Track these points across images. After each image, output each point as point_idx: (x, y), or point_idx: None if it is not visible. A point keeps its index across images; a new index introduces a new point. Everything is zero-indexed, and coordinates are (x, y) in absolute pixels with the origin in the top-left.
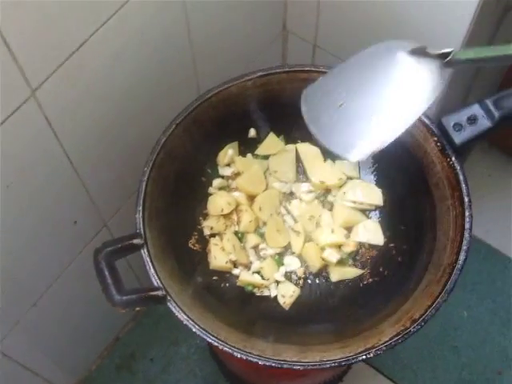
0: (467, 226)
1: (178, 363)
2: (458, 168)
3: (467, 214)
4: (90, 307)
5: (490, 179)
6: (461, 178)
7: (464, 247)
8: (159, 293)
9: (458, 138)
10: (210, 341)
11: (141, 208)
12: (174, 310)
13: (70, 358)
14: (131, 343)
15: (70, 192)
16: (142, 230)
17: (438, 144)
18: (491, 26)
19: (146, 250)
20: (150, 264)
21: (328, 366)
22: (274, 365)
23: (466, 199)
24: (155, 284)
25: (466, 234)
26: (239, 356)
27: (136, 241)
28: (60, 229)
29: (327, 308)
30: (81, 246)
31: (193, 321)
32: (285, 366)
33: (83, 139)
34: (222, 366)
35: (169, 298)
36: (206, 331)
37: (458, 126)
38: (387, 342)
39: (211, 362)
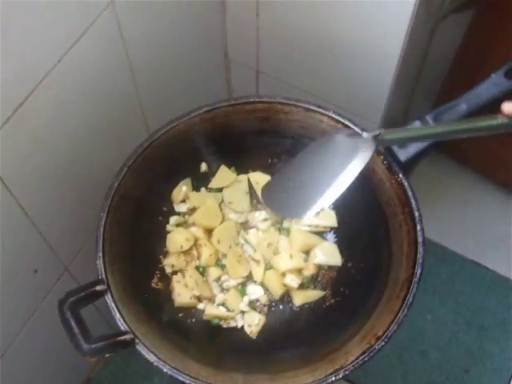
0: (420, 239)
1: None
2: (406, 184)
3: (418, 228)
4: (58, 352)
5: (441, 184)
6: (409, 193)
7: (419, 260)
8: (127, 337)
9: (403, 155)
10: (182, 379)
11: (101, 254)
12: (143, 352)
13: None
14: (103, 382)
15: (28, 242)
16: (104, 276)
17: (385, 162)
18: (425, 37)
19: (109, 296)
20: (116, 309)
21: None
22: None
23: (417, 214)
24: (122, 328)
25: (420, 248)
26: None
27: (99, 287)
28: (20, 279)
29: (293, 333)
30: (43, 294)
31: (163, 361)
32: None
33: (36, 189)
34: None
35: (137, 340)
36: (177, 370)
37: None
38: (354, 361)
39: None
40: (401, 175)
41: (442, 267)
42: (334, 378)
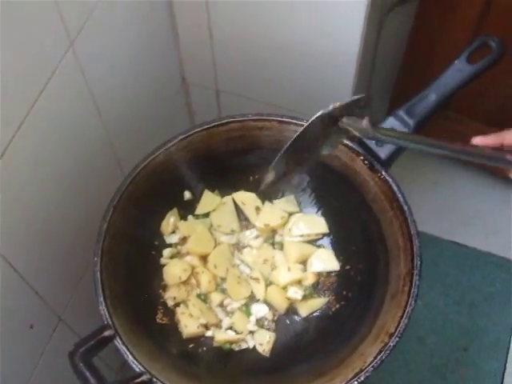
0: (413, 231)
1: None
2: (391, 180)
3: (410, 220)
4: None
5: (408, 170)
6: (395, 189)
7: (416, 252)
8: (144, 378)
9: (383, 152)
10: None
11: (102, 299)
12: None
13: None
14: None
15: (21, 298)
16: (109, 321)
17: (366, 162)
18: (374, 32)
19: (119, 339)
20: (127, 352)
21: None
22: None
23: (406, 207)
24: (137, 370)
25: (415, 240)
26: None
27: (107, 333)
28: (18, 336)
29: (305, 344)
30: (42, 348)
31: None
32: None
33: (20, 243)
34: None
35: (154, 379)
36: None
37: (380, 142)
38: (373, 361)
39: None
40: (383, 172)
41: (425, 252)
42: (356, 383)
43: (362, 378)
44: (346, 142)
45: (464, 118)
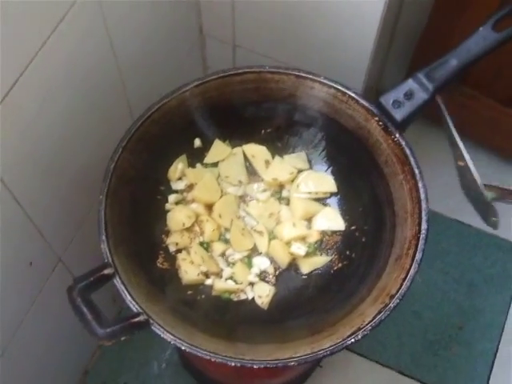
0: (422, 196)
1: (153, 382)
2: (404, 143)
3: (420, 185)
4: (54, 346)
5: (418, 147)
6: (408, 152)
7: (424, 217)
8: (141, 318)
9: (399, 114)
10: (202, 355)
11: (104, 237)
12: (158, 331)
13: None
14: (101, 373)
15: (23, 233)
16: (110, 259)
17: (380, 123)
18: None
19: (118, 278)
20: (126, 291)
21: (321, 355)
22: (269, 365)
23: (417, 171)
24: (135, 310)
25: (424, 205)
26: (233, 364)
27: (107, 271)
28: (17, 272)
29: (304, 300)
30: (39, 286)
31: (180, 339)
32: (279, 364)
33: (27, 179)
34: (197, 376)
35: (151, 321)
36: (195, 346)
37: (397, 103)
38: (371, 321)
39: (185, 374)
40: (397, 135)
41: None
42: (352, 340)
43: (360, 337)
44: (362, 101)
45: (479, 95)
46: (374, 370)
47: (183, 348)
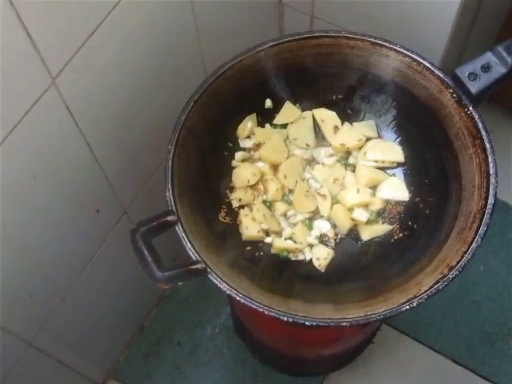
0: (492, 171)
1: (205, 345)
2: (477, 117)
3: (490, 159)
4: (114, 298)
5: (492, 135)
6: (480, 125)
7: (491, 192)
8: (199, 266)
9: (474, 87)
10: (256, 307)
11: (170, 185)
12: (215, 281)
13: (98, 351)
14: (156, 330)
15: (92, 181)
16: (174, 207)
17: (454, 95)
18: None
19: (180, 226)
20: (186, 239)
21: (374, 319)
22: (321, 324)
23: (488, 145)
24: (193, 258)
25: (493, 179)
26: (285, 319)
27: (170, 218)
28: (84, 219)
29: (362, 266)
30: (104, 235)
31: (235, 290)
32: (332, 323)
33: (101, 127)
34: (250, 342)
35: (209, 270)
36: (250, 298)
37: (473, 76)
38: (428, 290)
39: (238, 340)
40: (471, 108)
41: (494, 218)
42: (407, 307)
43: (415, 304)
44: (438, 72)
45: None
46: (427, 355)
47: (238, 298)
